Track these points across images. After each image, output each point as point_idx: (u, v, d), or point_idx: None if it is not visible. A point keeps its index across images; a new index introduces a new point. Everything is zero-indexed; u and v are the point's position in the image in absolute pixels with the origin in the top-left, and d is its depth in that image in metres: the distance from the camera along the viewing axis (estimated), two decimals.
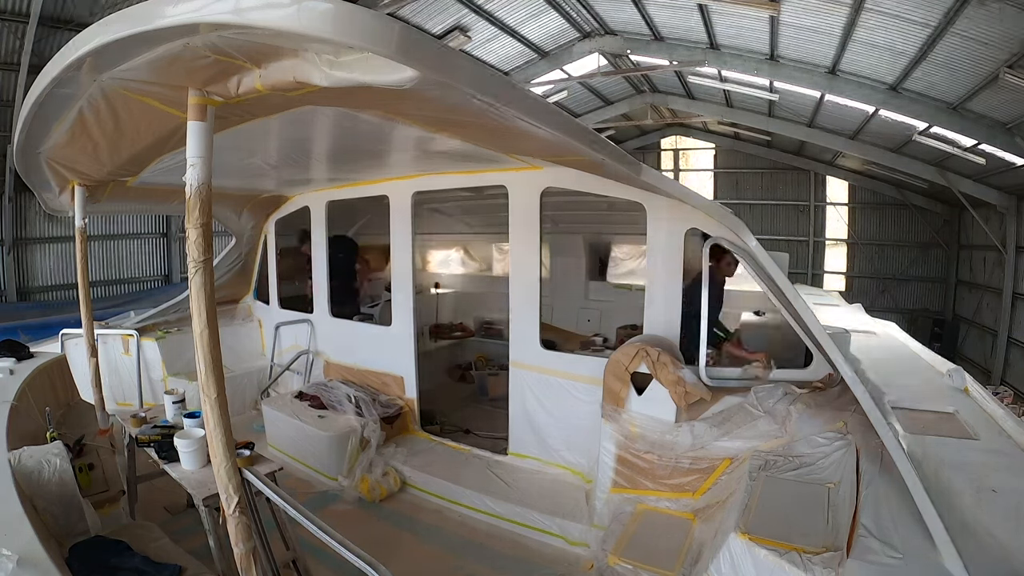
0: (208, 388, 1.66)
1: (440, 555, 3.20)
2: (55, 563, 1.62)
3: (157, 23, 1.32)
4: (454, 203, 6.01)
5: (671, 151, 20.63)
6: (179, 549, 2.29)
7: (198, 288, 1.64)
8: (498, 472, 3.80)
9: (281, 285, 5.62)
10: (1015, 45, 6.41)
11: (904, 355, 4.41)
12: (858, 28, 7.61)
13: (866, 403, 2.17)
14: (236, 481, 1.72)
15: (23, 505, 1.90)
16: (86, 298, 3.55)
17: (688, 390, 3.01)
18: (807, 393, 2.89)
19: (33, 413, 3.08)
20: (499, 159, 3.34)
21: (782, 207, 18.62)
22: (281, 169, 4.06)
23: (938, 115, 9.07)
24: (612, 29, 11.43)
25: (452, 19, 10.49)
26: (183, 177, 1.64)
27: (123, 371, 5.06)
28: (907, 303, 17.09)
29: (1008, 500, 2.02)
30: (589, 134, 2.28)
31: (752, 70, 10.34)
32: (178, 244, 14.21)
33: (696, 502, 2.94)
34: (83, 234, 3.46)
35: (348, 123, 2.52)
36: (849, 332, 3.77)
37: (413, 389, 4.48)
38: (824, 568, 1.72)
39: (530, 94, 1.90)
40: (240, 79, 1.60)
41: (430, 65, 1.31)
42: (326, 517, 3.52)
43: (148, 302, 7.20)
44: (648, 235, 3.42)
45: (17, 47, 8.51)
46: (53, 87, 1.85)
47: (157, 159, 2.80)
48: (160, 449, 2.81)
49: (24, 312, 9.99)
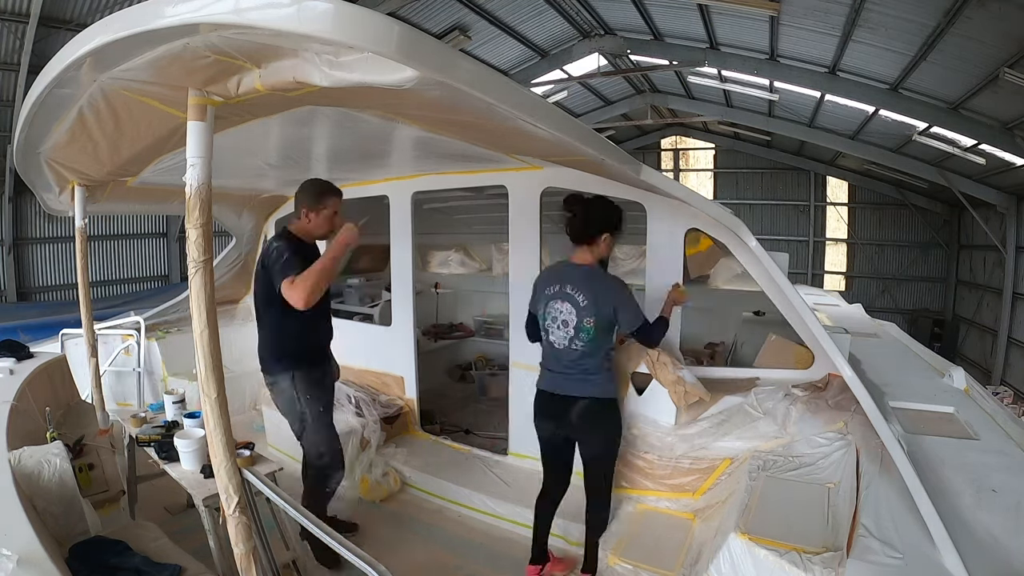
0: (208, 388, 1.66)
1: (440, 555, 3.20)
2: (55, 563, 1.62)
3: (157, 23, 1.31)
4: (454, 203, 6.00)
5: (671, 151, 20.65)
6: (179, 549, 2.29)
7: (198, 288, 1.64)
8: (498, 472, 3.80)
9: None
10: (1015, 45, 6.41)
11: (904, 355, 4.41)
12: (858, 28, 7.61)
13: (866, 403, 2.17)
14: (236, 481, 1.72)
15: (23, 505, 1.90)
16: (86, 298, 3.55)
17: (688, 390, 3.01)
18: (807, 393, 2.89)
19: (33, 413, 3.08)
20: (499, 159, 3.33)
21: (782, 207, 18.64)
22: (281, 169, 4.06)
23: (938, 115, 9.08)
24: (612, 29, 11.44)
25: (452, 19, 10.49)
26: (183, 177, 1.64)
27: (123, 371, 5.07)
28: (907, 303, 17.11)
29: (1008, 500, 2.02)
30: (589, 134, 2.28)
31: (752, 70, 10.35)
32: (178, 244, 14.22)
33: (696, 502, 2.95)
34: (83, 234, 3.46)
35: (348, 123, 2.52)
36: (849, 332, 3.76)
37: (413, 389, 4.48)
38: (824, 568, 1.72)
39: (530, 94, 1.90)
40: (240, 79, 1.60)
41: (430, 65, 1.31)
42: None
43: (148, 302, 7.20)
44: (648, 235, 3.42)
45: (17, 47, 8.51)
46: (53, 87, 1.85)
47: (157, 159, 2.79)
48: (160, 449, 2.81)
49: (24, 312, 9.98)
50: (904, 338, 5.08)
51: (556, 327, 2.66)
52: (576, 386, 2.66)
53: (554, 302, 2.66)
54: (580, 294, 2.59)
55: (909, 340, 4.97)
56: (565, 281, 2.65)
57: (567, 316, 2.62)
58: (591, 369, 2.66)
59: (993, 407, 3.08)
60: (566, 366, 2.67)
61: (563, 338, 2.64)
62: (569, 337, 2.62)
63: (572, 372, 2.66)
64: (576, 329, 2.60)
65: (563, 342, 2.65)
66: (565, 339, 2.64)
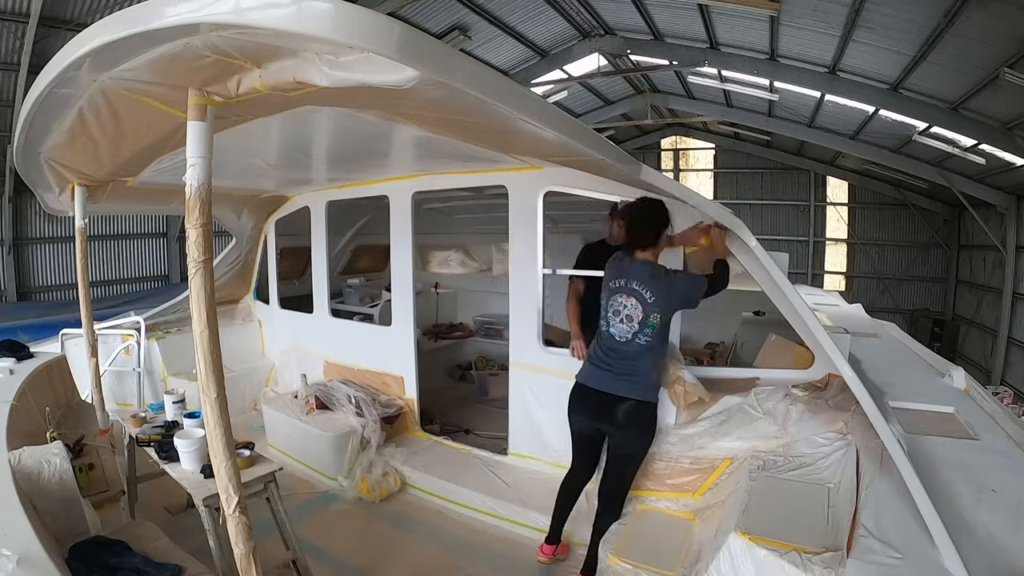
0: (208, 388, 1.66)
1: (440, 555, 3.20)
2: (55, 563, 1.62)
3: (157, 23, 1.32)
4: (454, 203, 6.00)
5: (671, 151, 20.64)
6: (179, 549, 2.29)
7: (198, 288, 1.64)
8: (498, 472, 3.80)
9: (281, 285, 5.62)
10: (1015, 45, 6.41)
11: (904, 355, 4.40)
12: (858, 28, 7.61)
13: (866, 403, 2.17)
14: (236, 481, 1.72)
15: (23, 505, 1.90)
16: (86, 298, 3.55)
17: (687, 390, 3.01)
18: (807, 393, 2.89)
19: (33, 413, 3.08)
20: (499, 159, 3.33)
21: (782, 207, 18.63)
22: (281, 169, 4.06)
23: (938, 115, 9.07)
24: (612, 29, 11.43)
25: (452, 19, 10.48)
26: (183, 177, 1.64)
27: (123, 371, 5.07)
28: (907, 303, 17.10)
29: (1008, 500, 2.02)
30: (589, 134, 2.28)
31: (752, 70, 10.34)
32: (178, 244, 14.22)
33: (696, 502, 2.94)
34: (83, 234, 3.46)
35: (348, 123, 2.52)
36: (849, 332, 3.76)
37: (413, 389, 4.48)
38: (824, 568, 1.72)
39: (530, 94, 1.90)
40: (240, 79, 1.60)
41: (430, 65, 1.31)
42: (326, 517, 3.56)
43: (148, 302, 7.21)
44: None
45: (17, 47, 8.51)
46: (53, 87, 1.85)
47: (157, 159, 2.80)
48: (160, 449, 2.81)
49: (24, 312, 9.98)
50: (904, 338, 5.08)
51: (619, 320, 2.74)
52: (623, 386, 2.72)
53: (619, 296, 2.75)
54: (647, 290, 2.69)
55: (909, 340, 4.96)
56: (631, 277, 2.75)
57: (631, 311, 2.71)
58: (643, 369, 2.73)
59: (993, 407, 3.07)
60: (619, 362, 2.74)
61: (626, 332, 2.72)
62: (633, 332, 2.71)
63: (621, 370, 2.73)
64: (641, 324, 2.70)
65: (626, 335, 2.72)
66: (628, 332, 2.72)
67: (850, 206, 17.75)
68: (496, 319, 6.58)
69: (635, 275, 2.74)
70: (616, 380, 2.73)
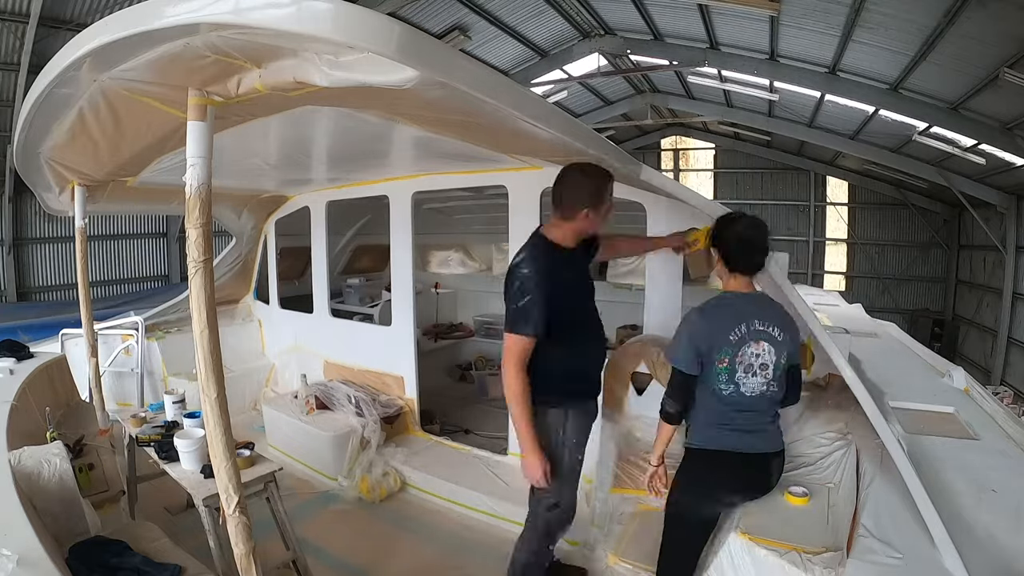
0: (208, 388, 1.66)
1: (440, 555, 3.20)
2: (55, 563, 1.62)
3: (157, 23, 1.32)
4: (454, 203, 6.00)
5: (671, 151, 20.65)
6: (179, 549, 2.29)
7: (198, 288, 1.64)
8: (498, 472, 3.80)
9: (281, 285, 5.63)
10: (1015, 45, 6.41)
11: (904, 355, 4.40)
12: (858, 28, 7.61)
13: (866, 403, 2.17)
14: (236, 481, 1.72)
15: (23, 505, 1.90)
16: (86, 298, 3.55)
17: None
18: (807, 393, 2.88)
19: (33, 413, 3.08)
20: (499, 159, 3.33)
21: (782, 207, 18.63)
22: (281, 169, 4.06)
23: (938, 115, 9.08)
24: (612, 29, 11.44)
25: (452, 19, 10.49)
26: (183, 177, 1.64)
27: (123, 371, 5.07)
28: (907, 303, 17.10)
29: (1008, 500, 2.02)
30: (589, 134, 2.28)
31: (752, 70, 10.34)
32: (178, 244, 14.22)
33: None
34: (83, 234, 3.46)
35: (348, 123, 2.52)
36: (849, 332, 3.76)
37: (413, 389, 4.48)
38: (824, 568, 1.72)
39: (531, 94, 1.90)
40: (240, 79, 1.60)
41: (431, 65, 1.31)
42: (326, 517, 3.56)
43: (148, 302, 7.21)
44: (648, 235, 3.41)
45: (17, 47, 8.51)
46: (53, 87, 1.85)
47: (157, 159, 2.80)
48: (160, 449, 2.81)
49: (24, 312, 9.99)
50: (904, 338, 5.08)
51: (751, 375, 2.15)
52: (772, 440, 2.25)
53: (747, 346, 2.14)
54: (775, 328, 2.16)
55: (909, 340, 4.96)
56: (751, 317, 2.15)
57: (767, 358, 2.15)
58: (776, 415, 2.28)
59: (993, 407, 3.07)
60: (758, 418, 2.21)
61: (760, 384, 2.15)
62: (767, 381, 2.16)
63: (761, 424, 2.22)
64: (775, 369, 2.17)
65: (759, 388, 2.15)
66: (762, 384, 2.15)
67: (850, 206, 17.76)
68: (496, 319, 6.57)
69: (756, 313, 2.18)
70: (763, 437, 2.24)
